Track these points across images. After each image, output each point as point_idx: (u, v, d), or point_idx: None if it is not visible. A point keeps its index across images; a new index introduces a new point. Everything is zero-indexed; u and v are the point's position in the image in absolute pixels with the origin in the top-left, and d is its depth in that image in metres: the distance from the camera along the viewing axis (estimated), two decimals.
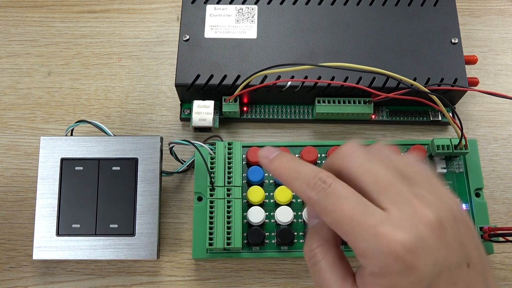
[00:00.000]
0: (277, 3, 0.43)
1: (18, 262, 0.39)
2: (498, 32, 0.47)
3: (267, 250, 0.37)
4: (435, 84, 0.40)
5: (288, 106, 0.43)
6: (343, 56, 0.41)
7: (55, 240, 0.36)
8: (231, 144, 0.38)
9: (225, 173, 0.37)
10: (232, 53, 0.41)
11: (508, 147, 0.43)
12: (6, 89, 0.45)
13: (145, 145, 0.38)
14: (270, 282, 0.38)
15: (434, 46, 0.41)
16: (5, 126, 0.43)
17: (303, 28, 0.42)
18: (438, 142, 0.38)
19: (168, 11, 0.48)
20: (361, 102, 0.41)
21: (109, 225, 0.36)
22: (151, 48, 0.46)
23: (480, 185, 0.39)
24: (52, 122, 0.43)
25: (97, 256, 0.36)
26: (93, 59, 0.46)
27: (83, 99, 0.44)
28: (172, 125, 0.43)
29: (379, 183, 0.25)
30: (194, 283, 0.38)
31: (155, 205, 0.37)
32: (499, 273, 0.38)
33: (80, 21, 0.48)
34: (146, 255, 0.36)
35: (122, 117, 0.44)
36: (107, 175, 0.37)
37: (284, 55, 0.41)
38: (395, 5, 0.43)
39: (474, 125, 0.44)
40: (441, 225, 0.24)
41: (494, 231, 0.35)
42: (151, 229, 0.36)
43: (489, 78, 0.45)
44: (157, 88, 0.45)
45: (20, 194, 0.41)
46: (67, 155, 0.37)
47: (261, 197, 0.37)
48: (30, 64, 0.46)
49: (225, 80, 0.40)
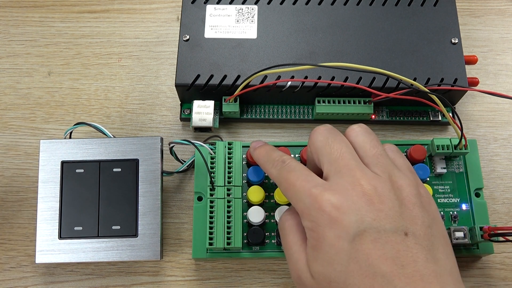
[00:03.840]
0: (277, 3, 0.43)
1: (18, 262, 0.39)
2: (498, 32, 0.47)
3: (267, 250, 0.37)
4: (435, 84, 0.40)
5: (288, 106, 0.43)
6: (343, 56, 0.41)
7: (58, 243, 0.36)
8: (231, 144, 0.38)
9: (225, 173, 0.37)
10: (232, 53, 0.41)
11: (508, 147, 0.43)
12: (6, 89, 0.45)
13: (146, 146, 0.38)
14: (270, 282, 0.38)
15: (434, 46, 0.41)
16: (5, 126, 0.43)
17: (303, 28, 0.42)
18: (438, 142, 0.38)
19: (168, 11, 0.48)
20: (361, 102, 0.41)
21: (112, 226, 0.36)
22: (151, 48, 0.46)
23: (480, 185, 0.39)
24: (52, 122, 0.43)
25: (100, 258, 0.36)
26: (93, 59, 0.46)
27: (83, 99, 0.44)
28: (172, 125, 0.43)
29: (332, 155, 0.29)
30: (194, 283, 0.38)
31: (157, 206, 0.37)
32: (499, 273, 0.39)
33: (80, 21, 0.48)
34: (149, 255, 0.36)
35: (122, 117, 0.44)
36: (108, 177, 0.37)
37: (284, 55, 0.41)
38: (395, 5, 0.43)
39: (474, 125, 0.44)
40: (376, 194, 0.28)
41: (494, 231, 0.35)
42: (154, 230, 0.36)
43: (489, 78, 0.45)
44: (157, 88, 0.45)
45: (20, 194, 0.41)
46: (67, 157, 0.37)
47: (261, 197, 0.37)
48: (30, 64, 0.46)
49: (225, 80, 0.40)
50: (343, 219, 0.27)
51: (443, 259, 0.27)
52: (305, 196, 0.28)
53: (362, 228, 0.27)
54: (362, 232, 0.26)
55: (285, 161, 0.31)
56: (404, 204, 0.28)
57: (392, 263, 0.26)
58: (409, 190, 0.29)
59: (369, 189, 0.28)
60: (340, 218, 0.27)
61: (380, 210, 0.27)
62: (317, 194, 0.28)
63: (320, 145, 0.30)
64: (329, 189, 0.28)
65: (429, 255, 0.27)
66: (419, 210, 0.28)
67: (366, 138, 0.31)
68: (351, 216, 0.27)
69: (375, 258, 0.26)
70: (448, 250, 0.28)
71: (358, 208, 0.27)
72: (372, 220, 0.27)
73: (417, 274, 0.26)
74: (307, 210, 0.28)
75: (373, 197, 0.27)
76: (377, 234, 0.26)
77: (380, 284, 0.26)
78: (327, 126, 0.31)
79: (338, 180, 0.28)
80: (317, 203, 0.27)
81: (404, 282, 0.25)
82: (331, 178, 0.29)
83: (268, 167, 0.32)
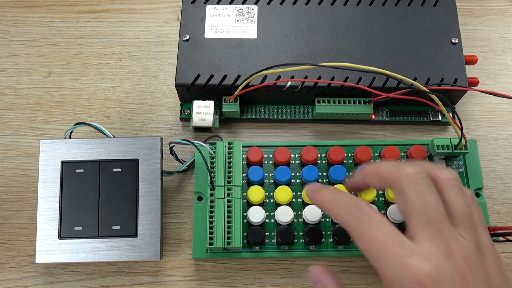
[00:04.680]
0: (277, 3, 0.43)
1: (18, 262, 0.39)
2: (498, 32, 0.47)
3: (267, 250, 0.37)
4: (435, 84, 0.40)
5: (288, 106, 0.43)
6: (343, 56, 0.41)
7: (58, 243, 0.36)
8: (231, 144, 0.38)
9: (225, 173, 0.37)
10: (232, 53, 0.41)
11: (508, 147, 0.43)
12: (6, 89, 0.45)
13: (146, 146, 0.38)
14: (270, 282, 0.38)
15: (434, 46, 0.41)
16: (5, 126, 0.43)
17: (303, 28, 0.42)
18: (438, 142, 0.38)
19: (168, 11, 0.48)
20: (361, 102, 0.41)
21: (112, 226, 0.36)
22: (151, 48, 0.46)
23: (480, 185, 0.39)
24: (52, 122, 0.43)
25: (100, 258, 0.36)
26: (93, 59, 0.46)
27: (83, 99, 0.44)
28: (172, 125, 0.43)
29: (425, 216, 0.27)
30: (194, 283, 0.38)
31: (157, 206, 0.37)
32: None
33: (80, 21, 0.48)
34: (149, 255, 0.36)
35: (122, 117, 0.44)
36: (108, 177, 0.37)
37: (284, 55, 0.41)
38: (395, 5, 0.43)
39: (474, 125, 0.44)
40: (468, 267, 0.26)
41: (494, 231, 0.35)
42: (154, 230, 0.36)
43: (489, 78, 0.45)
44: (157, 88, 0.45)
45: (20, 194, 0.41)
46: (67, 158, 0.37)
47: (261, 196, 0.37)
48: (30, 64, 0.46)
49: (225, 80, 0.40)
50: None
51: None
52: (398, 265, 0.26)
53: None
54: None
55: (364, 209, 0.28)
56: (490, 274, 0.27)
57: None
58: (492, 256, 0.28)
59: (461, 262, 0.26)
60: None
61: (473, 284, 0.26)
62: (413, 264, 0.26)
63: (414, 198, 0.28)
64: (423, 259, 0.26)
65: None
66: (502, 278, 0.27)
67: (460, 194, 0.29)
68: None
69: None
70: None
71: (452, 280, 0.26)
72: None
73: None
74: (398, 281, 0.26)
75: (465, 270, 0.26)
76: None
77: None
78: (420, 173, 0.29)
79: (432, 248, 0.26)
80: (414, 276, 0.25)
81: None
82: (423, 241, 0.27)
83: (341, 213, 0.29)
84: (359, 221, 0.28)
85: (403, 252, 0.26)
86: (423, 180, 0.28)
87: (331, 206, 0.30)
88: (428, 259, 0.26)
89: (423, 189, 0.28)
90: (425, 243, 0.27)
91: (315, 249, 0.37)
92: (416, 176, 0.28)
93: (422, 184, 0.28)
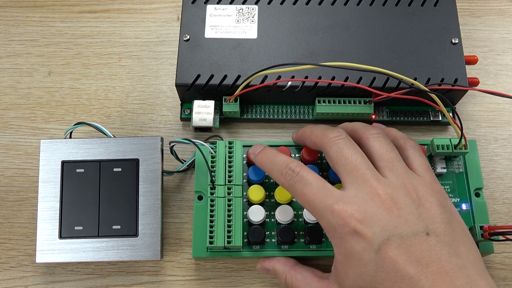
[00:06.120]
0: (278, 3, 0.43)
1: (18, 261, 0.39)
2: (499, 32, 0.47)
3: (268, 249, 0.37)
4: (435, 84, 0.40)
5: (288, 106, 0.43)
6: (344, 56, 0.41)
7: (58, 243, 0.36)
8: (231, 143, 0.38)
9: (225, 172, 0.37)
10: (232, 53, 0.41)
11: (508, 147, 0.43)
12: (7, 89, 0.45)
13: (146, 145, 0.38)
14: (270, 282, 0.38)
15: (434, 46, 0.41)
16: (5, 126, 0.43)
17: (303, 28, 0.42)
18: (438, 142, 0.38)
19: (168, 11, 0.48)
20: (362, 102, 0.41)
21: (112, 226, 0.36)
22: (152, 48, 0.46)
23: (480, 185, 0.39)
24: (53, 122, 0.43)
25: (101, 257, 0.36)
26: (93, 59, 0.46)
27: (84, 99, 0.44)
28: (173, 125, 0.43)
29: (347, 166, 0.31)
30: (194, 283, 0.38)
31: (157, 205, 0.37)
32: (499, 273, 0.39)
33: (81, 21, 0.48)
34: (149, 255, 0.36)
35: (122, 117, 0.44)
36: (108, 177, 0.37)
37: (285, 55, 0.41)
38: (395, 5, 0.43)
39: (474, 125, 0.44)
40: (393, 201, 0.29)
41: (494, 230, 0.35)
42: (154, 229, 0.36)
43: (489, 78, 0.45)
44: (157, 88, 0.45)
45: (20, 194, 0.41)
46: (67, 157, 0.37)
47: (262, 196, 0.37)
48: (31, 64, 0.46)
49: (226, 80, 0.40)
50: (367, 231, 0.28)
51: (465, 252, 0.28)
52: (328, 213, 0.29)
53: (386, 237, 0.28)
54: (386, 241, 0.28)
55: (295, 170, 0.31)
56: (421, 205, 0.29)
57: (417, 265, 0.27)
58: (424, 190, 0.30)
59: (386, 198, 0.29)
60: (364, 231, 0.28)
61: (400, 216, 0.28)
62: (340, 210, 0.29)
63: (335, 155, 0.31)
64: (350, 203, 0.29)
65: (451, 250, 0.28)
66: (437, 208, 0.29)
67: (382, 143, 0.32)
68: (375, 227, 0.28)
69: (401, 263, 0.27)
70: (469, 242, 0.29)
71: (379, 218, 0.28)
72: (393, 228, 0.28)
73: (442, 270, 0.27)
74: (331, 227, 0.29)
75: (391, 205, 0.29)
76: (400, 240, 0.28)
77: (408, 287, 0.27)
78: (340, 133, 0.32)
79: (357, 191, 0.30)
80: (342, 219, 0.29)
81: (430, 280, 0.26)
82: (348, 188, 0.30)
83: (276, 176, 0.33)
84: (292, 181, 0.31)
85: (331, 201, 0.29)
86: (342, 140, 0.32)
87: (268, 170, 0.34)
88: (352, 202, 0.29)
89: (341, 146, 0.31)
90: (350, 189, 0.30)
91: (315, 248, 0.37)
92: (336, 139, 0.32)
93: (341, 143, 0.32)
